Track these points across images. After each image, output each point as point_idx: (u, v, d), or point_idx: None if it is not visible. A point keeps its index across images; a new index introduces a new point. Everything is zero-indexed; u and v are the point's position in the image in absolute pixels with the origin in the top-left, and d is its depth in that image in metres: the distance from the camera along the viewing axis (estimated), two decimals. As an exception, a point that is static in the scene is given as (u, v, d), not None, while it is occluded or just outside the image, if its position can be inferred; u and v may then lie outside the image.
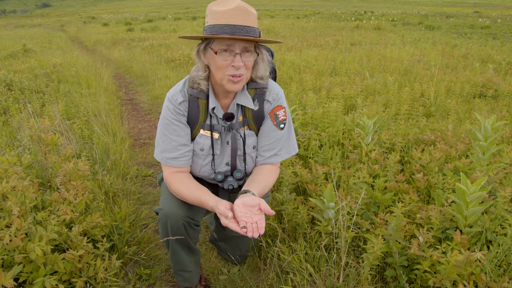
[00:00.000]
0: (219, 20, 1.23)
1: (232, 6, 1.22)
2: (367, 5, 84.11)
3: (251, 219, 1.21)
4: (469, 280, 1.42)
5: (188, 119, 1.44)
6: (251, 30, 1.25)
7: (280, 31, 14.22)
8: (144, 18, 28.23)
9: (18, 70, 6.17)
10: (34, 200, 1.82)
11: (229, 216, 1.21)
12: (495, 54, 7.60)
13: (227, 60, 1.27)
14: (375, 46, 9.16)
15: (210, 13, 1.27)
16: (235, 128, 1.46)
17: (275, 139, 1.49)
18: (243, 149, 1.49)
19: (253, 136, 1.50)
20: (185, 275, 1.69)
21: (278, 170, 1.56)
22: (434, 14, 30.78)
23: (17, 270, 1.34)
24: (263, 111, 1.47)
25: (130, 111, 5.14)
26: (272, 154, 1.50)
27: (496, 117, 2.31)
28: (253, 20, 1.26)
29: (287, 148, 1.53)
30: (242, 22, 1.23)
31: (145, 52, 9.38)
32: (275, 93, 1.47)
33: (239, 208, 1.23)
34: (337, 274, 1.61)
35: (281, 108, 1.48)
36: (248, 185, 1.39)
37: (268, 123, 1.48)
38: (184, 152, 1.45)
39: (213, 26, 1.25)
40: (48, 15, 65.64)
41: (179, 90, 1.43)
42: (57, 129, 2.93)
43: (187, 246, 1.60)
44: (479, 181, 1.58)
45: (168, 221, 1.47)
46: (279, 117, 1.47)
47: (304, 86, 4.81)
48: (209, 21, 1.27)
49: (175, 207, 1.46)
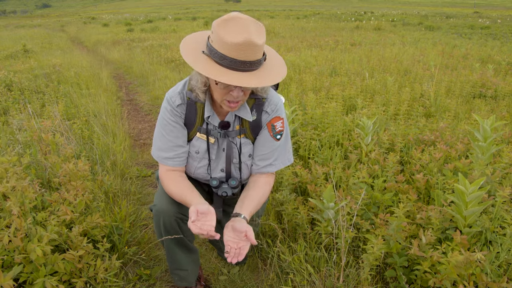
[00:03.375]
0: (224, 51, 1.16)
1: (240, 40, 1.14)
2: (367, 5, 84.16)
3: (236, 244, 1.26)
4: (469, 280, 1.42)
5: (185, 122, 1.45)
6: (256, 64, 1.21)
7: (280, 31, 14.23)
8: (144, 19, 28.23)
9: (18, 71, 6.17)
10: (34, 201, 1.82)
11: (192, 219, 1.22)
12: (495, 55, 7.61)
13: (226, 89, 1.27)
14: (375, 46, 9.17)
15: (217, 37, 1.18)
16: (231, 136, 1.47)
17: (271, 150, 1.50)
18: (239, 158, 1.50)
19: (249, 144, 1.51)
20: (181, 273, 1.69)
21: (273, 179, 1.57)
22: (434, 14, 30.80)
23: (17, 270, 1.34)
24: (261, 121, 1.47)
25: (130, 111, 5.14)
26: (267, 164, 1.51)
27: (495, 117, 2.32)
28: (259, 52, 1.19)
29: (282, 158, 1.54)
30: (248, 58, 1.17)
31: (145, 53, 9.38)
32: (274, 104, 1.47)
33: (228, 232, 1.28)
34: (337, 274, 1.61)
35: (279, 119, 1.47)
36: (241, 203, 1.41)
37: (264, 133, 1.48)
38: (180, 153, 1.47)
39: (217, 53, 1.19)
40: (48, 16, 65.63)
41: (178, 92, 1.42)
42: (57, 129, 2.93)
43: (182, 244, 1.60)
44: (478, 181, 1.58)
45: (160, 217, 1.49)
46: (276, 128, 1.47)
47: (304, 86, 4.81)
48: (214, 44, 1.19)
49: (167, 203, 1.48)
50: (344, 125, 3.11)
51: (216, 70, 1.18)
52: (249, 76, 1.19)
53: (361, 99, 3.72)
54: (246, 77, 1.18)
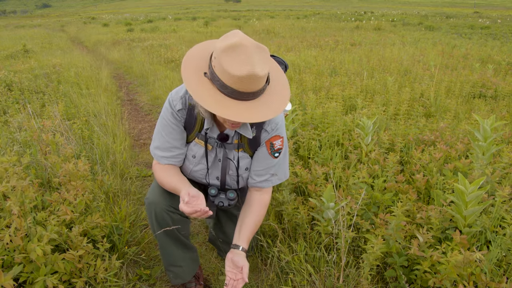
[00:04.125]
0: (226, 81, 1.14)
1: (243, 73, 1.11)
2: (367, 5, 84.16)
3: (234, 276, 1.35)
4: (469, 280, 1.43)
5: (185, 125, 1.46)
6: (258, 93, 1.19)
7: (280, 31, 14.23)
8: (144, 19, 28.24)
9: (18, 71, 6.17)
10: (34, 200, 1.82)
11: (185, 201, 1.26)
12: (495, 55, 7.61)
13: None
14: (375, 46, 9.17)
15: (220, 65, 1.14)
16: (228, 148, 1.48)
17: (268, 166, 1.51)
18: (237, 172, 1.52)
19: (247, 158, 1.52)
20: (175, 270, 1.68)
21: (269, 195, 1.59)
22: (434, 14, 30.80)
23: (17, 270, 1.34)
24: (260, 139, 1.47)
25: (130, 111, 5.14)
26: (263, 179, 1.53)
27: (495, 117, 2.31)
28: (262, 81, 1.17)
29: (279, 175, 1.56)
30: (250, 89, 1.16)
31: (145, 53, 9.38)
32: (274, 122, 1.46)
33: (229, 263, 1.37)
34: (337, 274, 1.61)
35: (278, 138, 1.48)
36: (238, 232, 1.46)
37: (263, 151, 1.49)
38: (176, 154, 1.48)
39: (219, 81, 1.16)
40: (48, 16, 65.64)
41: (180, 96, 1.42)
42: (57, 129, 2.93)
43: (176, 239, 1.61)
44: (477, 181, 1.58)
45: (152, 209, 1.51)
46: (275, 146, 1.48)
47: (304, 86, 4.81)
48: (216, 70, 1.16)
49: (158, 195, 1.51)
50: (344, 125, 3.11)
51: (215, 102, 1.16)
52: (250, 109, 1.18)
53: (361, 99, 3.72)
54: (246, 111, 1.17)
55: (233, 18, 26.59)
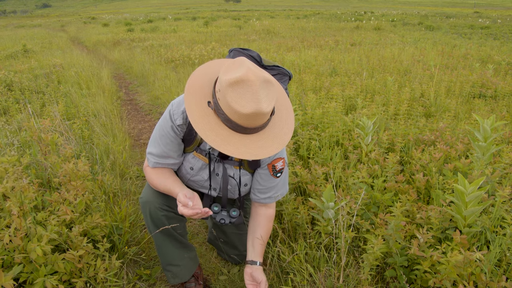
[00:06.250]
0: (231, 116, 1.13)
1: (248, 111, 1.09)
2: (367, 5, 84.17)
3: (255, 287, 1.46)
4: (469, 280, 1.42)
5: (184, 139, 1.46)
6: (261, 127, 1.19)
7: (280, 31, 14.23)
8: (144, 19, 28.24)
9: (18, 71, 6.17)
10: (34, 200, 1.82)
11: (189, 205, 1.26)
12: (495, 55, 7.61)
13: None
14: (375, 46, 9.17)
15: (224, 99, 1.11)
16: (227, 164, 1.49)
17: (271, 185, 1.54)
18: (238, 190, 1.54)
19: (247, 175, 1.53)
20: (173, 269, 1.68)
21: (274, 210, 1.64)
22: (434, 14, 30.81)
23: (17, 270, 1.34)
24: (260, 161, 1.49)
25: (130, 111, 5.14)
26: (267, 196, 1.55)
27: (495, 117, 2.31)
28: (267, 116, 1.16)
29: (281, 191, 1.59)
30: (255, 125, 1.15)
31: (145, 53, 9.38)
32: None
33: (248, 277, 1.49)
34: (337, 274, 1.61)
35: (279, 160, 1.49)
36: (252, 248, 1.54)
37: (265, 172, 1.51)
38: (171, 163, 1.49)
39: (223, 114, 1.15)
40: (48, 16, 65.62)
41: (182, 111, 1.37)
42: (57, 129, 2.93)
43: (172, 237, 1.61)
44: (477, 181, 1.58)
45: (147, 207, 1.51)
46: (277, 168, 1.49)
47: (304, 86, 4.81)
48: (221, 103, 1.14)
49: (152, 194, 1.52)
50: (344, 125, 3.11)
51: (218, 137, 1.15)
52: (254, 143, 1.18)
53: (361, 99, 3.72)
54: (251, 145, 1.17)
55: (233, 18, 26.58)
